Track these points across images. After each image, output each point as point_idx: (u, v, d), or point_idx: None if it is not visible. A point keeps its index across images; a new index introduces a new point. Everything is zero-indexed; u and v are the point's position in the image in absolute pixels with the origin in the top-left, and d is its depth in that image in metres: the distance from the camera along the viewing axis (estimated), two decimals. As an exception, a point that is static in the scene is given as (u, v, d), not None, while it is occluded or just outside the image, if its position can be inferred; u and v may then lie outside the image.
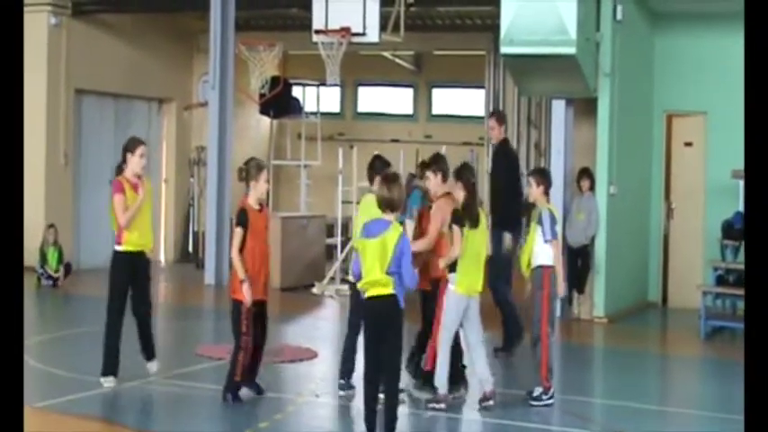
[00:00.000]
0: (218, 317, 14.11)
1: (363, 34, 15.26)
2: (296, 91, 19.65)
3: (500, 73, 18.63)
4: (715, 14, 15.22)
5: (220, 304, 14.77)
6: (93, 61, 18.29)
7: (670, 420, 9.50)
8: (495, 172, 12.05)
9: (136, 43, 19.18)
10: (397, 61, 20.48)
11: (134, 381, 9.59)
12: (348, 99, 22.05)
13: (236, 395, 9.01)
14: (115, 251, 9.44)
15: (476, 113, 20.12)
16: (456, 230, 8.93)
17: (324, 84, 16.88)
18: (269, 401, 9.16)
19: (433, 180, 9.36)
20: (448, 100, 21.34)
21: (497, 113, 13.13)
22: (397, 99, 21.78)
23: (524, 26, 12.94)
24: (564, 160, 14.28)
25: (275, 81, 18.10)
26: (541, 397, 9.31)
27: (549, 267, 9.36)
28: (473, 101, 20.57)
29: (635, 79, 15.15)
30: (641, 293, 15.84)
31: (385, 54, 19.84)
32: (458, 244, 8.90)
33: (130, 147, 9.49)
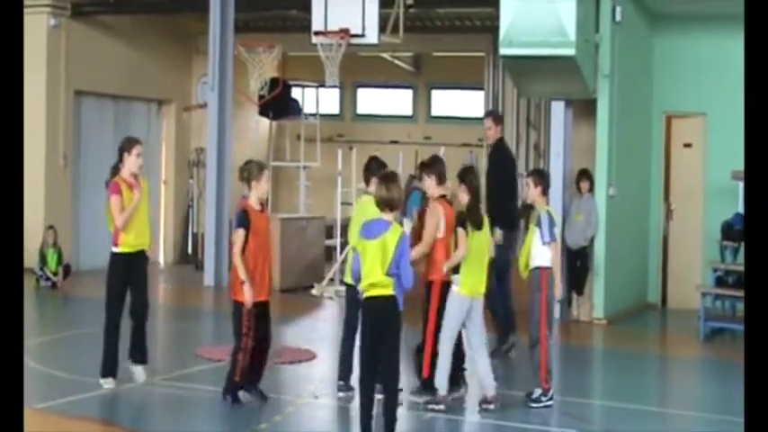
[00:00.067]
0: (217, 318, 14.11)
1: (362, 36, 15.26)
2: (295, 92, 19.61)
3: (499, 74, 18.64)
4: (714, 16, 15.22)
5: (220, 306, 14.78)
6: (92, 62, 18.27)
7: (669, 422, 9.50)
8: (490, 171, 12.07)
9: (135, 45, 19.16)
10: (397, 63, 20.46)
11: (133, 382, 9.57)
12: (347, 100, 22.04)
13: (235, 396, 9.01)
14: (112, 252, 9.43)
15: (475, 115, 20.10)
16: (461, 232, 8.92)
17: (323, 85, 16.89)
18: (268, 402, 9.13)
19: (428, 182, 9.35)
20: (447, 101, 21.32)
21: (494, 113, 13.13)
22: (397, 100, 21.76)
23: (523, 27, 12.94)
24: (563, 161, 14.28)
25: (274, 82, 18.08)
26: (541, 398, 9.31)
27: (547, 269, 9.36)
28: (472, 102, 20.55)
29: (634, 80, 15.15)
30: (641, 295, 15.83)
31: (384, 55, 19.82)
32: (462, 246, 8.90)
33: (127, 146, 9.48)
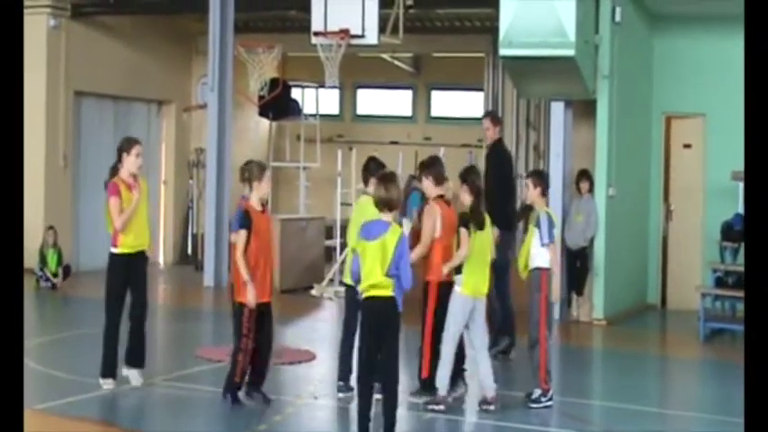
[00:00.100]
0: (217, 319, 14.10)
1: (362, 36, 15.25)
2: (295, 93, 19.61)
3: (499, 75, 18.64)
4: (714, 16, 15.22)
5: (220, 306, 14.77)
6: (92, 63, 18.27)
7: (669, 423, 9.50)
8: (488, 172, 12.06)
9: (135, 45, 19.16)
10: (396, 63, 20.46)
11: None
12: (347, 101, 22.04)
13: (235, 396, 9.00)
14: (111, 253, 9.42)
15: (475, 115, 20.09)
16: (463, 233, 8.92)
17: (323, 86, 16.88)
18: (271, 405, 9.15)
19: (426, 183, 9.35)
20: (447, 102, 21.32)
21: (492, 114, 13.13)
22: (396, 101, 21.76)
23: (523, 28, 12.94)
24: (563, 162, 14.29)
25: (274, 83, 18.08)
26: (540, 399, 9.31)
27: (547, 270, 9.35)
28: (472, 103, 20.55)
29: (634, 81, 15.15)
30: (640, 295, 15.82)
31: (384, 56, 19.82)
32: (465, 246, 8.90)
33: (126, 147, 9.47)
